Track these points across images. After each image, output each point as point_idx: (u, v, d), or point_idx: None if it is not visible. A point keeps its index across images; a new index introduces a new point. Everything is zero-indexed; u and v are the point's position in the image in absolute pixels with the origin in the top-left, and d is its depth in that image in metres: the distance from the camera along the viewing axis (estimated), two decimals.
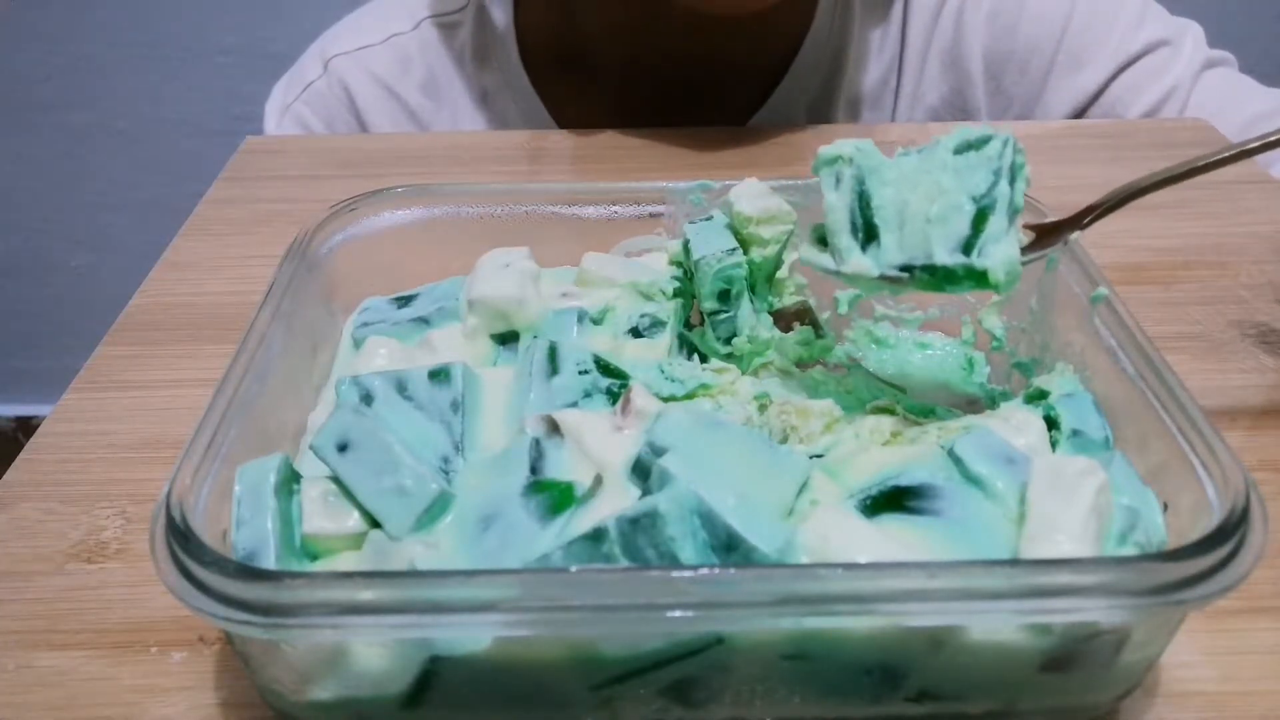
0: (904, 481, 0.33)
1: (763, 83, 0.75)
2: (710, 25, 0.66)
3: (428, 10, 0.77)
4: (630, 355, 0.41)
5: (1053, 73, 0.73)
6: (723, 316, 0.43)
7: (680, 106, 0.73)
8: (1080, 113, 0.74)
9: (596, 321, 0.43)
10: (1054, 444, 0.36)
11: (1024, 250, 0.38)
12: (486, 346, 0.42)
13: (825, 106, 0.76)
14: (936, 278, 0.37)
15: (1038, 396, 0.38)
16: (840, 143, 0.38)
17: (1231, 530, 0.28)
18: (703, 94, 0.74)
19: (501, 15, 0.74)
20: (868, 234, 0.38)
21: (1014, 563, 0.30)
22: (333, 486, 0.34)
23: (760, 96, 0.75)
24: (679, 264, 0.44)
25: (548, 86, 0.75)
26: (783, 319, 0.45)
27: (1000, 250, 0.36)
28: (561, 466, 0.34)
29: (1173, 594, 0.27)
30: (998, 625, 0.29)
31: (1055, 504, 0.31)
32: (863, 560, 0.30)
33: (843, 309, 0.47)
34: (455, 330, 0.43)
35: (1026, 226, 0.40)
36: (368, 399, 0.37)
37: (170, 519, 0.29)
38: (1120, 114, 0.72)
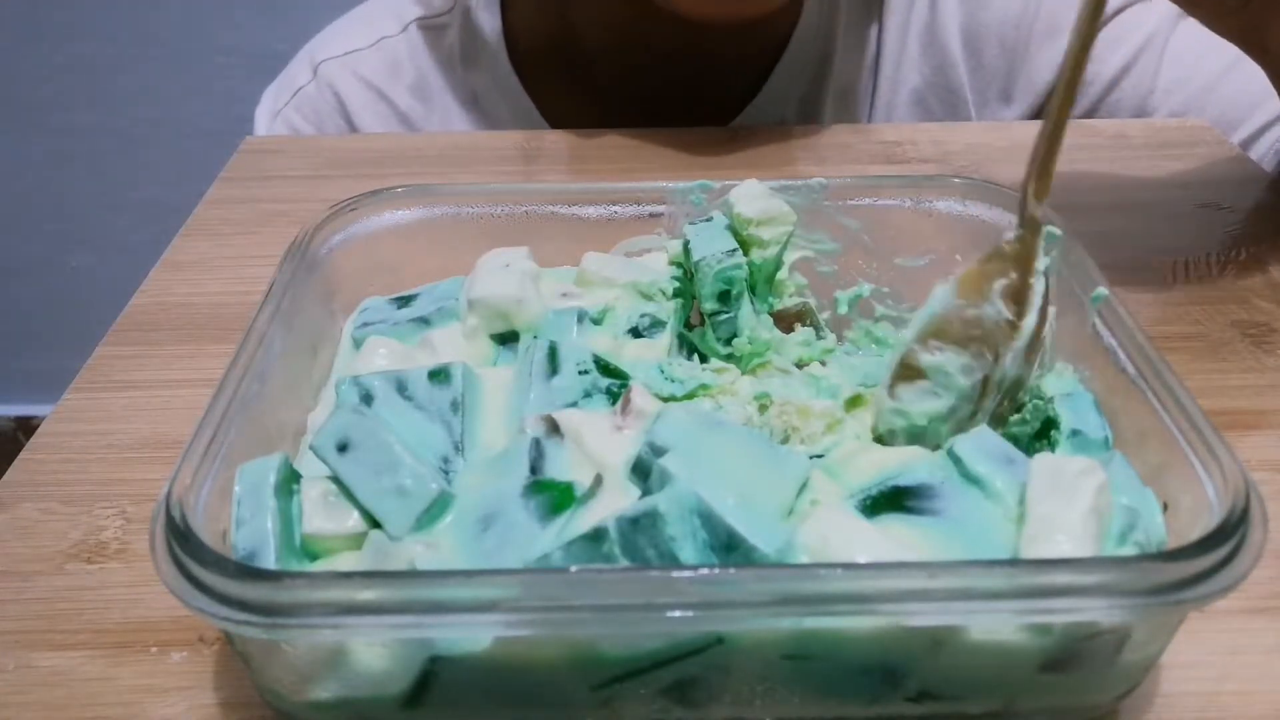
0: (904, 481, 0.33)
1: (753, 77, 0.75)
2: (703, 23, 0.66)
3: (415, 13, 0.77)
4: (630, 355, 0.41)
5: (1031, 43, 0.73)
6: (723, 317, 0.43)
7: (671, 103, 0.73)
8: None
9: (596, 321, 0.43)
10: (1054, 444, 0.36)
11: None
12: (486, 346, 0.42)
13: (815, 97, 0.76)
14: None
15: (1038, 397, 0.38)
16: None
17: (1231, 530, 0.28)
18: (694, 90, 0.74)
19: (489, 17, 0.74)
20: None
21: (1014, 563, 0.30)
22: (333, 486, 0.34)
23: (751, 90, 0.75)
24: (679, 264, 0.44)
25: (538, 86, 0.75)
26: (783, 320, 0.45)
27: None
28: (561, 466, 0.34)
29: (1173, 594, 0.27)
30: (998, 625, 0.29)
31: (1055, 504, 0.31)
32: (863, 560, 0.30)
33: (843, 309, 0.47)
34: (455, 330, 0.43)
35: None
36: (368, 399, 0.37)
37: (170, 519, 0.29)
38: (1097, 69, 0.72)
